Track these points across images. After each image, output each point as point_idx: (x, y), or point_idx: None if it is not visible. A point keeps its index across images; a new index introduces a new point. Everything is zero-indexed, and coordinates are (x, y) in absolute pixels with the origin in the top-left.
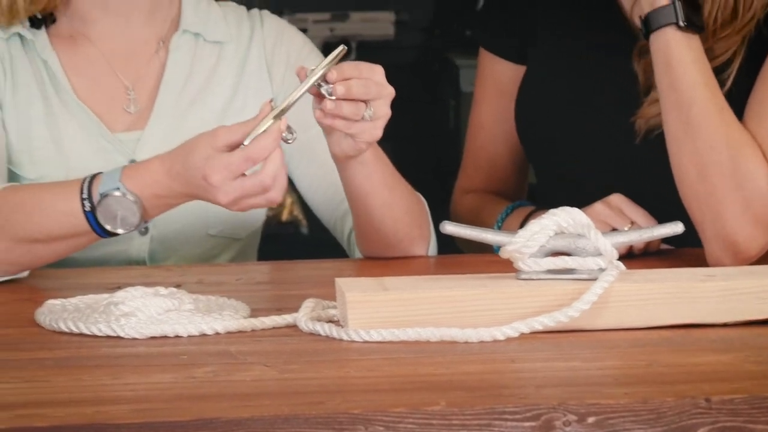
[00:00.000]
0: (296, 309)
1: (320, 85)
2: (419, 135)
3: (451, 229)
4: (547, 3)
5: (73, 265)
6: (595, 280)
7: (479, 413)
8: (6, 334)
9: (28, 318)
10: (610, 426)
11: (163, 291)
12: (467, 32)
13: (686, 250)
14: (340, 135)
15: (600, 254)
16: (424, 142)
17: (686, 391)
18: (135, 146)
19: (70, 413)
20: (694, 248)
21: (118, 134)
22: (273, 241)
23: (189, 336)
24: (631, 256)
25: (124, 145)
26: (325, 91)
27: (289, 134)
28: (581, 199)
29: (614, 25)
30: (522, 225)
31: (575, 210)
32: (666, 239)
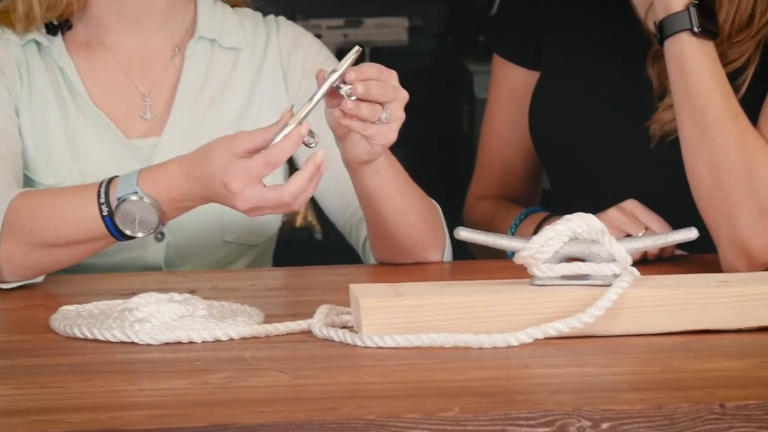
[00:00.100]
0: (310, 315)
1: (338, 87)
2: (433, 141)
3: (466, 235)
4: (561, 8)
5: (89, 272)
6: (610, 285)
7: (493, 419)
8: (21, 340)
9: (43, 324)
10: None
11: (177, 297)
12: (481, 38)
13: (700, 256)
14: (355, 139)
15: (614, 260)
16: (438, 147)
17: (701, 397)
18: (151, 152)
19: (85, 419)
20: (709, 254)
21: (134, 140)
22: (287, 247)
23: (203, 342)
24: (645, 262)
25: (141, 151)
26: (344, 92)
27: (310, 138)
28: (595, 205)
29: (628, 31)
30: (536, 231)
31: (589, 216)
32: (680, 245)
